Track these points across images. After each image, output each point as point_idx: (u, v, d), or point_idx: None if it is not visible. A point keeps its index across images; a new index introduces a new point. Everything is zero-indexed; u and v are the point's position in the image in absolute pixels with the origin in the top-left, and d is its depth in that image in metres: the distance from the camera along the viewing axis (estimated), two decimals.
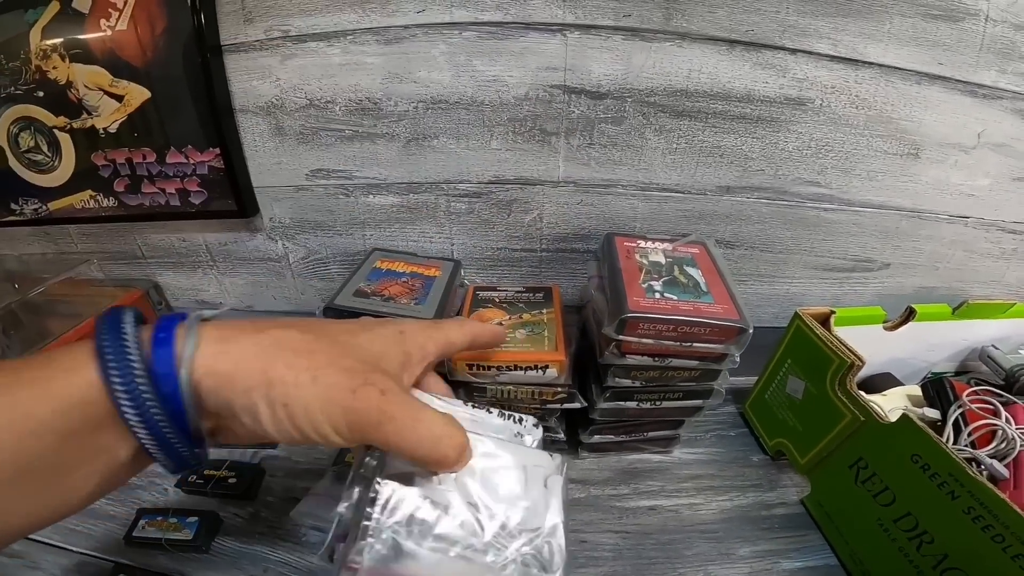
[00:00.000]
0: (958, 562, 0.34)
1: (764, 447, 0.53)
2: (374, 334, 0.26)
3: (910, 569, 0.38)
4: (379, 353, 0.25)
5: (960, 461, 0.33)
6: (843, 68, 0.47)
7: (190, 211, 0.53)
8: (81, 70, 0.50)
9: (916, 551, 0.37)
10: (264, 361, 0.21)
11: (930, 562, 0.36)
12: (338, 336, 0.24)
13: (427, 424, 0.22)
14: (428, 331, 0.28)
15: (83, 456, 0.19)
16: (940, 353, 0.56)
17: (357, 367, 0.22)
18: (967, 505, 0.33)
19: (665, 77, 0.47)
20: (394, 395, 0.22)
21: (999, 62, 0.48)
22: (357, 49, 0.47)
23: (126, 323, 0.20)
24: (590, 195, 0.52)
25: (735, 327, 0.39)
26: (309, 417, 0.21)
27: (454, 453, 0.23)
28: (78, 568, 0.42)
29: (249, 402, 0.21)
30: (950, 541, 0.35)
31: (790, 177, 0.51)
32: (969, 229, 0.56)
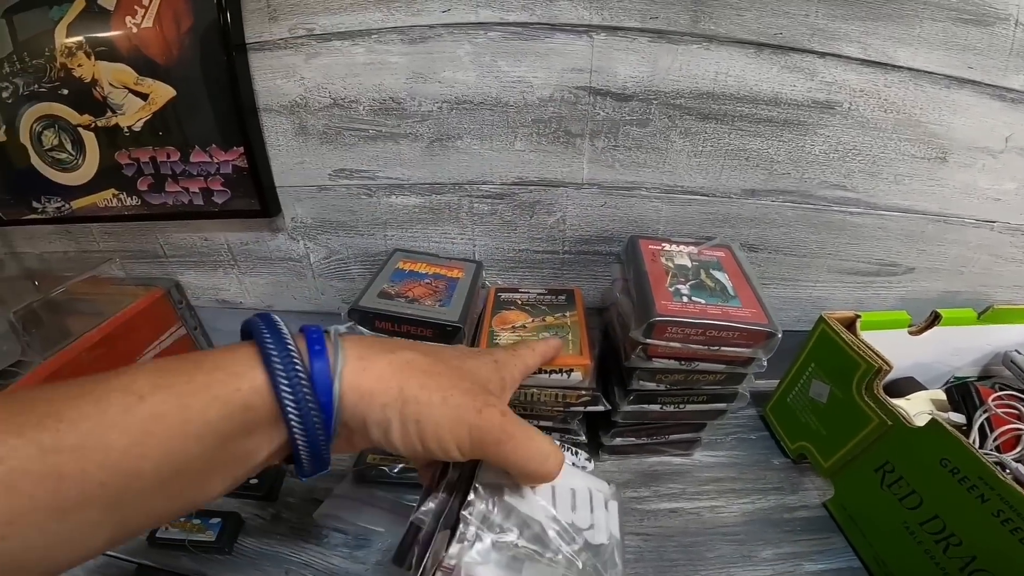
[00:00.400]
0: (986, 564, 0.35)
1: (785, 450, 0.53)
2: (478, 361, 0.28)
3: (936, 571, 0.38)
4: (486, 378, 0.27)
5: (990, 464, 0.34)
6: (872, 72, 0.47)
7: (213, 210, 0.53)
8: (106, 68, 0.50)
9: (943, 553, 0.37)
10: (400, 380, 0.23)
11: (957, 564, 0.36)
12: (451, 360, 0.26)
13: (539, 443, 0.25)
14: (514, 359, 0.31)
15: (231, 458, 0.20)
16: (964, 358, 0.56)
17: (476, 390, 0.25)
18: (997, 508, 0.33)
19: (691, 80, 0.47)
20: (511, 416, 0.25)
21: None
22: (382, 48, 0.47)
23: (286, 333, 0.21)
24: (614, 197, 0.52)
25: (764, 331, 0.39)
26: (438, 434, 0.23)
27: (557, 468, 0.25)
28: (101, 569, 0.43)
29: (383, 417, 0.23)
30: (978, 544, 0.35)
31: (816, 181, 0.51)
32: (995, 234, 0.56)
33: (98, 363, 0.51)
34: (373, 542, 0.45)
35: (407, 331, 0.42)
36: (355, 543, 0.45)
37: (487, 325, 0.46)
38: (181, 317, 0.61)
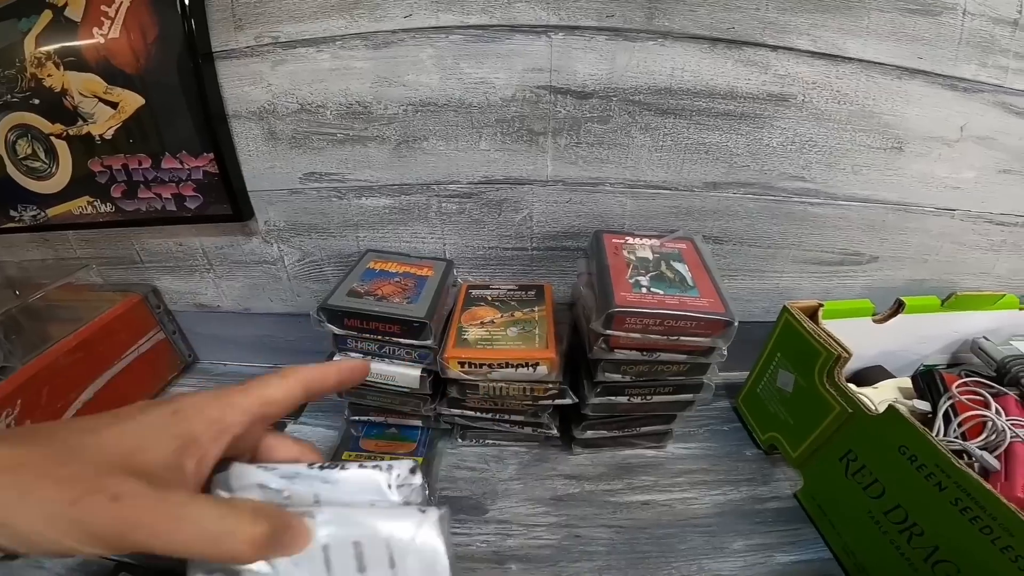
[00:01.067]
0: (948, 554, 0.35)
1: (757, 441, 0.54)
2: (131, 424, 0.22)
3: (902, 562, 0.38)
4: (131, 448, 0.21)
5: (946, 452, 0.34)
6: (824, 64, 0.48)
7: (186, 215, 0.54)
8: (76, 77, 0.51)
9: (907, 543, 0.38)
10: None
11: (921, 555, 0.37)
12: (68, 439, 0.21)
13: (193, 523, 0.19)
14: (226, 398, 0.24)
15: None
16: (931, 345, 0.57)
17: (80, 474, 0.19)
18: (954, 496, 0.33)
19: (649, 76, 0.48)
20: (133, 499, 0.19)
21: (979, 55, 0.49)
22: (346, 54, 0.48)
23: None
24: (579, 193, 0.53)
25: (721, 320, 0.40)
26: (40, 535, 0.18)
27: (247, 548, 0.19)
28: (81, 567, 0.43)
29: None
30: (940, 533, 0.35)
31: (775, 172, 0.52)
32: (956, 221, 0.57)
33: (77, 367, 0.52)
34: None
35: (375, 327, 0.43)
36: None
37: (456, 321, 0.46)
38: (159, 322, 0.61)
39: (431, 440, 0.51)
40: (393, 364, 0.45)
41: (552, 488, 0.50)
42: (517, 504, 0.49)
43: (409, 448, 0.50)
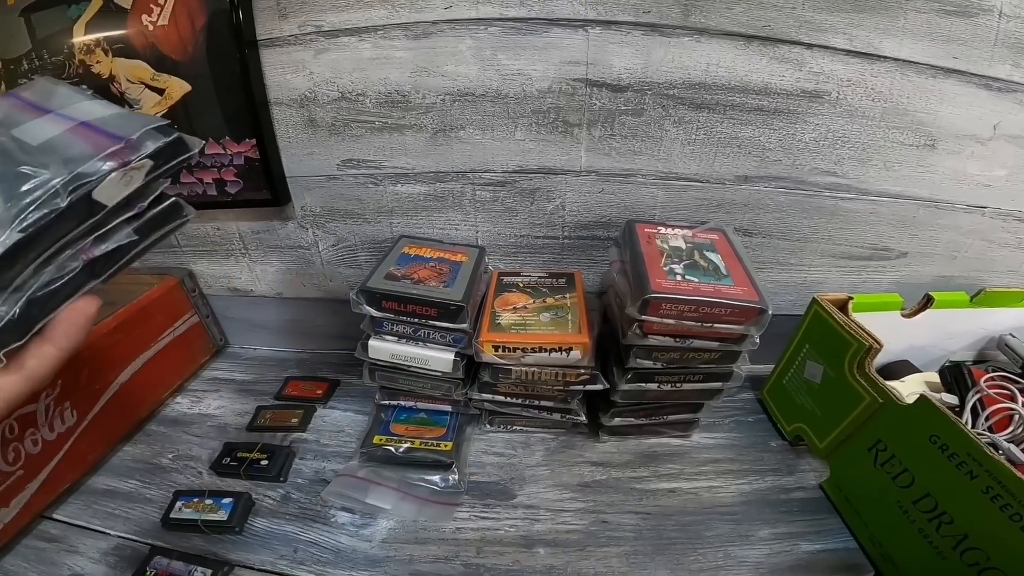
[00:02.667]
0: (978, 542, 0.35)
1: (782, 432, 0.55)
2: None
3: (930, 550, 0.39)
4: None
5: (978, 441, 0.34)
6: (859, 62, 0.49)
7: (226, 200, 0.56)
8: (124, 64, 0.53)
9: (936, 532, 0.38)
10: None
11: (950, 543, 0.37)
12: None
13: None
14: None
15: None
16: (958, 342, 0.58)
17: None
18: (985, 485, 0.34)
19: (684, 71, 0.49)
20: None
21: (1013, 56, 0.49)
22: (387, 44, 0.49)
23: None
24: (611, 184, 0.54)
25: (755, 308, 0.41)
26: None
27: None
28: (116, 551, 0.45)
29: None
30: (970, 522, 0.36)
31: (807, 167, 0.53)
32: (986, 219, 0.57)
33: (115, 348, 0.54)
34: (378, 520, 0.47)
35: (412, 310, 0.44)
36: (361, 522, 0.47)
37: (489, 306, 0.48)
38: (194, 305, 0.63)
39: (460, 425, 0.52)
40: (427, 348, 0.46)
41: (579, 474, 0.51)
42: (544, 490, 0.50)
43: (438, 433, 0.51)
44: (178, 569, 0.42)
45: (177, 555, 0.44)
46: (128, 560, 0.44)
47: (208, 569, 0.42)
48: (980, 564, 0.35)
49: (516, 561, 0.44)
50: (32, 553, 0.44)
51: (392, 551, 0.45)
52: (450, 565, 0.44)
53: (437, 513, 0.47)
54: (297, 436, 0.55)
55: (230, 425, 0.57)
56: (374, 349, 0.47)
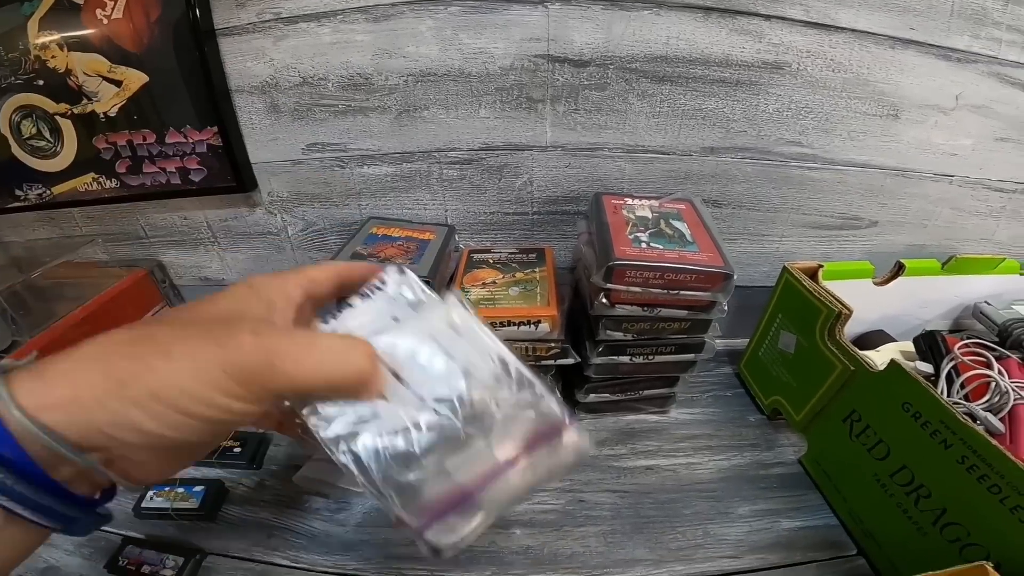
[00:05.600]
0: (957, 516, 0.35)
1: (761, 407, 0.55)
2: (221, 297, 0.24)
3: (910, 526, 0.38)
4: (235, 311, 0.23)
5: (950, 407, 0.34)
6: (817, 33, 0.50)
7: (191, 188, 0.56)
8: (80, 58, 0.53)
9: (915, 506, 0.38)
10: (98, 365, 0.18)
11: (929, 517, 0.37)
12: (178, 315, 0.23)
13: (325, 343, 0.21)
14: (283, 275, 0.26)
15: None
16: (933, 310, 0.58)
17: (212, 327, 0.20)
18: (960, 454, 0.34)
19: (645, 44, 0.50)
20: (270, 330, 0.21)
21: (971, 27, 0.51)
22: (347, 28, 0.50)
23: None
24: (578, 158, 0.55)
25: (720, 273, 0.41)
26: (191, 395, 0.18)
27: (366, 360, 0.22)
28: (90, 542, 0.44)
29: (115, 416, 0.18)
30: (947, 494, 0.35)
31: (772, 137, 0.54)
32: (955, 187, 0.58)
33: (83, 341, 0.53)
34: (353, 504, 0.47)
35: None
36: (335, 507, 0.47)
37: (459, 283, 0.48)
38: (165, 296, 0.63)
39: None
40: None
41: None
42: None
43: None
44: (150, 558, 0.42)
45: (149, 544, 0.43)
46: (102, 551, 0.43)
47: (180, 557, 0.42)
48: (961, 540, 0.35)
49: (492, 543, 0.44)
50: None
51: (367, 535, 0.44)
52: None
53: None
54: None
55: None
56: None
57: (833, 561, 0.43)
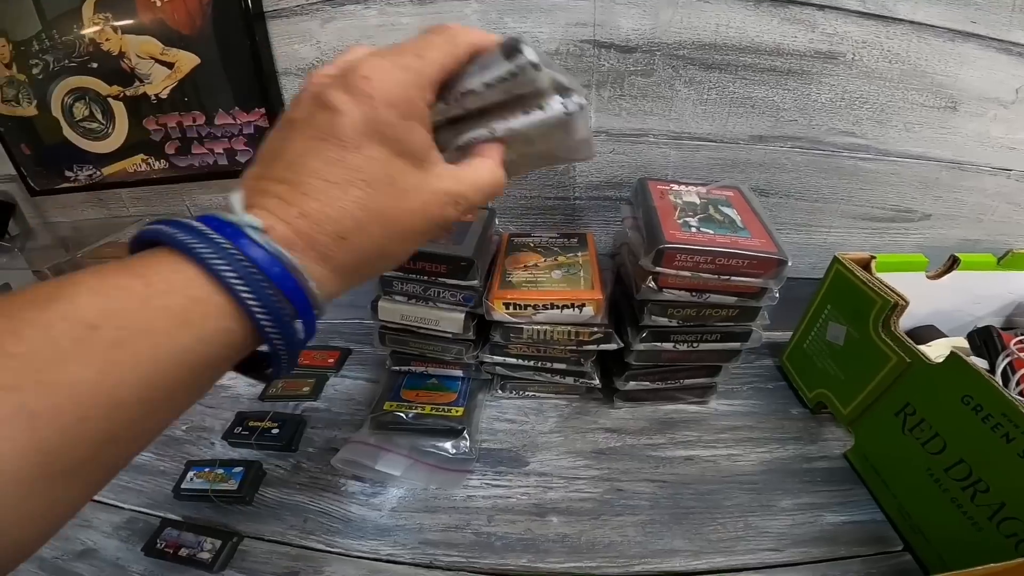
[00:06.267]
0: (1016, 511, 0.33)
1: (804, 400, 0.54)
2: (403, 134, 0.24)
3: (964, 521, 0.37)
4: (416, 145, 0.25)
5: (1014, 400, 0.33)
6: (873, 24, 0.49)
7: (237, 169, 0.57)
8: (133, 40, 0.54)
9: (970, 501, 0.36)
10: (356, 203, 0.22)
11: (986, 512, 0.35)
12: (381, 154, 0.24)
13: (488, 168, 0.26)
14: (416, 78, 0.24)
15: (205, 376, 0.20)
16: (986, 307, 0.56)
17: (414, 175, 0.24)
18: (1023, 448, 0.32)
19: (693, 31, 0.49)
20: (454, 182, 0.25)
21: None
22: (393, 11, 0.50)
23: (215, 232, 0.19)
24: (622, 144, 0.54)
25: (774, 259, 0.40)
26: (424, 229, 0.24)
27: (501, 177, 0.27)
28: (128, 524, 0.45)
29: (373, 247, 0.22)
30: (1007, 488, 0.34)
31: (824, 127, 0.53)
32: (1012, 182, 0.57)
33: None
34: (388, 489, 0.47)
35: (422, 267, 0.44)
36: (371, 491, 0.47)
37: (500, 265, 0.48)
38: None
39: (471, 391, 0.52)
40: (437, 308, 0.46)
41: (593, 441, 0.50)
42: (558, 457, 0.49)
43: (450, 398, 0.51)
44: (188, 540, 0.43)
45: (187, 526, 0.44)
46: (140, 533, 0.44)
47: (217, 540, 0.42)
48: (1019, 535, 0.33)
49: (528, 530, 0.44)
50: None
51: (402, 520, 0.45)
52: (461, 534, 0.43)
53: (448, 480, 0.47)
54: (309, 405, 0.55)
55: (243, 395, 0.57)
56: (383, 310, 0.47)
57: (878, 556, 0.41)
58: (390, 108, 0.22)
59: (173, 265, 0.18)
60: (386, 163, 0.22)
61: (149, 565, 0.42)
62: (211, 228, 0.19)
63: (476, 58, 0.26)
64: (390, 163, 0.22)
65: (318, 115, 0.22)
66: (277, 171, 0.21)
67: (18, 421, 0.15)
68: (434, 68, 0.24)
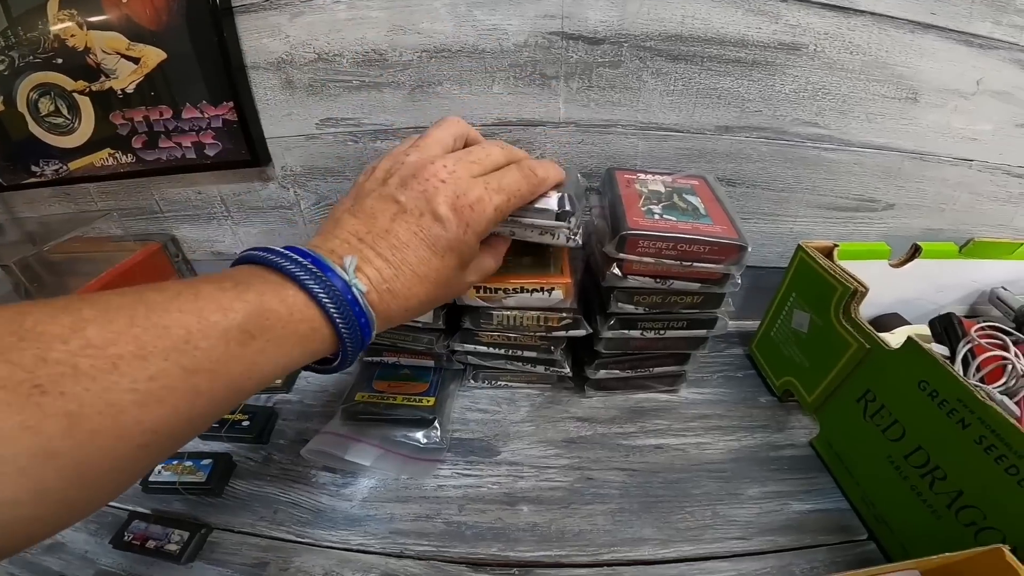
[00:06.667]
0: (973, 499, 0.34)
1: (772, 388, 0.55)
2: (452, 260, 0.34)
3: (924, 509, 0.38)
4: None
5: (968, 385, 0.33)
6: (835, 15, 0.50)
7: (205, 162, 0.57)
8: (99, 36, 0.54)
9: (929, 489, 0.37)
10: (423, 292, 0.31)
11: (944, 500, 0.36)
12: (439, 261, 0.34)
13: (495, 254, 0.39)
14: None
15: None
16: (949, 295, 0.58)
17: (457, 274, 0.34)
18: (978, 434, 0.33)
19: (660, 23, 0.50)
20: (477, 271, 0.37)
21: (993, 14, 0.50)
22: (362, 4, 0.51)
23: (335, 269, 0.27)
24: (591, 135, 0.55)
25: (734, 245, 0.41)
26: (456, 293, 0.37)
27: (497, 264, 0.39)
28: (96, 518, 0.45)
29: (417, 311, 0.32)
30: (963, 476, 0.35)
31: (788, 118, 0.54)
32: (973, 172, 0.58)
33: None
34: (359, 480, 0.47)
35: None
36: (342, 481, 0.47)
37: None
38: (178, 270, 0.64)
39: (443, 381, 0.52)
40: None
41: (564, 431, 0.51)
42: (529, 446, 0.50)
43: (421, 389, 0.51)
44: (155, 532, 0.43)
45: (155, 519, 0.44)
46: (108, 526, 0.44)
47: (185, 532, 0.42)
48: (977, 524, 0.34)
49: (499, 519, 0.44)
50: None
51: (373, 510, 0.45)
52: (431, 523, 0.43)
53: (419, 470, 0.47)
54: (281, 397, 0.55)
55: None
56: None
57: (843, 545, 0.42)
58: (476, 237, 0.32)
59: (305, 301, 0.26)
60: (453, 270, 0.32)
61: (117, 557, 0.42)
62: (328, 278, 0.26)
63: None
64: (454, 271, 0.32)
65: (427, 219, 0.30)
66: (383, 248, 0.29)
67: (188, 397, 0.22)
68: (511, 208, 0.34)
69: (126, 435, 0.19)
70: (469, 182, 0.31)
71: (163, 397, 0.20)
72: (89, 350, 0.19)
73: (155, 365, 0.20)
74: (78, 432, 0.18)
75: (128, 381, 0.19)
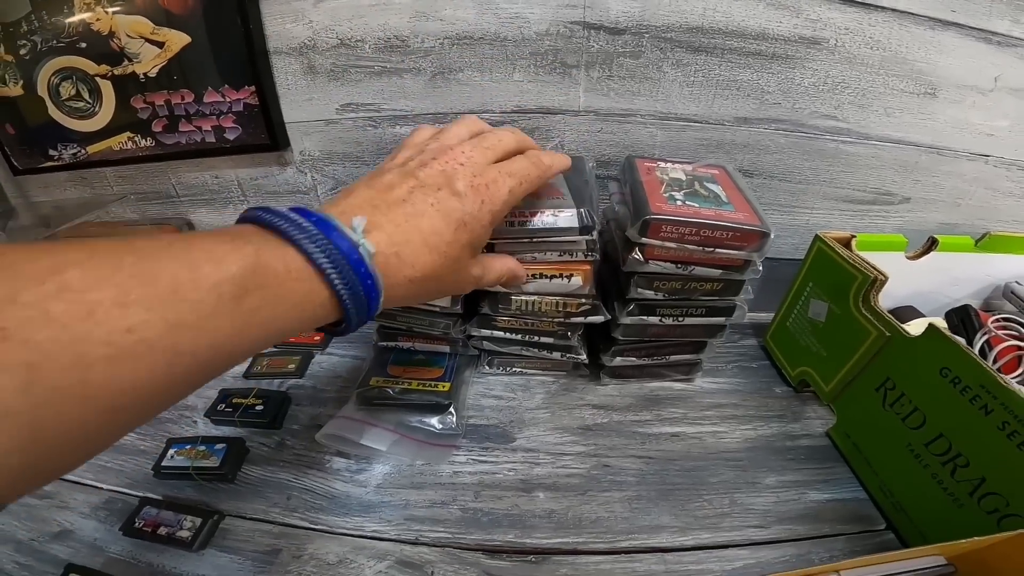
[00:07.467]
0: (997, 486, 0.33)
1: (787, 378, 0.55)
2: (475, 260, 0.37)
3: (945, 497, 0.37)
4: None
5: (991, 370, 0.33)
6: (856, 11, 0.51)
7: (224, 146, 0.57)
8: (124, 20, 0.54)
9: (951, 477, 0.36)
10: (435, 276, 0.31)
11: (966, 488, 0.35)
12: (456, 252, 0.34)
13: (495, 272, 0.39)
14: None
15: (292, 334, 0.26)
16: (964, 289, 0.57)
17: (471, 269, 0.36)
18: (1002, 420, 0.32)
19: (681, 15, 0.51)
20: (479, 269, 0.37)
21: (1012, 12, 0.51)
22: None
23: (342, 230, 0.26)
24: (610, 123, 0.55)
25: (757, 231, 0.41)
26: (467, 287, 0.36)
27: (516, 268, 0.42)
28: (106, 505, 0.44)
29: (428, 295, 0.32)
30: (986, 463, 0.34)
31: (807, 111, 0.54)
32: (990, 167, 0.58)
33: None
34: (373, 465, 0.47)
35: None
36: (356, 467, 0.47)
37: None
38: None
39: (458, 367, 0.52)
40: None
41: (580, 418, 0.51)
42: (545, 433, 0.49)
43: (436, 374, 0.51)
44: (167, 519, 0.42)
45: (166, 505, 0.43)
46: (118, 513, 0.43)
47: (198, 518, 0.42)
48: (1000, 511, 0.33)
49: (515, 505, 0.44)
50: (23, 511, 0.44)
51: (387, 496, 0.44)
52: (447, 510, 0.43)
53: (434, 455, 0.47)
54: (294, 382, 0.55)
55: (226, 373, 0.57)
56: None
57: (862, 535, 0.42)
58: (491, 216, 0.32)
59: (303, 262, 0.24)
60: (462, 248, 0.31)
61: (127, 545, 0.41)
62: (331, 240, 0.25)
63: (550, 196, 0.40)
64: (463, 249, 0.31)
65: (444, 192, 0.30)
66: (396, 214, 0.29)
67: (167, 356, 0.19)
68: (523, 192, 0.34)
69: (93, 396, 0.17)
70: (485, 166, 0.33)
71: (140, 353, 0.18)
72: (66, 293, 0.17)
73: (136, 315, 0.18)
74: (37, 388, 0.16)
75: (103, 332, 0.17)
